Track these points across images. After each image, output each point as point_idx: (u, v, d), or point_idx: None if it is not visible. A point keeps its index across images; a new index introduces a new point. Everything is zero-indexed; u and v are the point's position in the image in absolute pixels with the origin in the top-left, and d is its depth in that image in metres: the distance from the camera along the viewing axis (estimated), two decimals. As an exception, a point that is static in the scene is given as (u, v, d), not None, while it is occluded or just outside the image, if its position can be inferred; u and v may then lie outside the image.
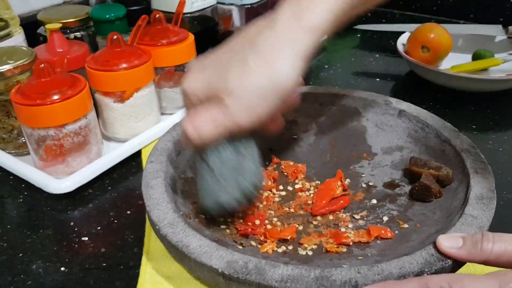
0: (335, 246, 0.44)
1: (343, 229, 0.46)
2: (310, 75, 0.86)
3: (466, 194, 0.44)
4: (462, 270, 0.38)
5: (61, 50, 0.64)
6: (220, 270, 0.37)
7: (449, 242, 0.37)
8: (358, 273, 0.35)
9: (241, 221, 0.47)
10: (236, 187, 0.42)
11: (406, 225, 0.45)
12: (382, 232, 0.44)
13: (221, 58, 0.42)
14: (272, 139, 0.58)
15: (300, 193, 0.52)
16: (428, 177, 0.47)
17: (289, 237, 0.45)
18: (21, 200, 0.56)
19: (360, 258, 0.41)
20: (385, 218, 0.47)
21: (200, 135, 0.41)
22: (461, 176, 0.47)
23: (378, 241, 0.44)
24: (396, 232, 0.45)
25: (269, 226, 0.47)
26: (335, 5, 0.41)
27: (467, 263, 0.38)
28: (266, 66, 0.39)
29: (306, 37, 0.40)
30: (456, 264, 0.37)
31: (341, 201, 0.49)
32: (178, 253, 0.39)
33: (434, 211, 0.45)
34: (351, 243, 0.44)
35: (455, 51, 0.82)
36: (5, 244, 0.49)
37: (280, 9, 0.41)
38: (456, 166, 0.48)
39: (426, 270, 0.36)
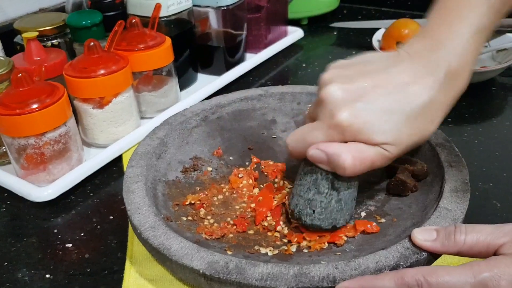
0: (318, 243, 0.45)
1: None
2: (288, 74, 0.87)
3: (441, 188, 0.45)
4: (439, 260, 0.40)
5: (38, 58, 0.64)
6: (201, 271, 0.37)
7: (424, 235, 0.38)
8: (336, 269, 0.36)
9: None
10: (350, 212, 0.45)
11: (383, 220, 0.46)
12: (368, 226, 0.45)
13: (374, 93, 0.41)
14: (252, 139, 0.59)
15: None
16: (403, 172, 0.48)
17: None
18: (4, 209, 0.56)
19: (338, 253, 0.42)
20: (363, 214, 0.48)
21: (355, 168, 0.40)
22: (436, 170, 0.48)
23: (356, 237, 0.45)
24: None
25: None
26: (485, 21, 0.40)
27: (444, 255, 0.39)
28: (426, 128, 0.41)
29: (455, 96, 0.42)
30: (432, 256, 0.38)
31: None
32: (160, 256, 0.40)
33: (410, 205, 0.47)
34: (343, 243, 0.45)
35: (430, 45, 0.83)
36: (-12, 254, 0.50)
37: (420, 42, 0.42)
38: (431, 160, 0.49)
39: (401, 263, 0.37)
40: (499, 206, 0.52)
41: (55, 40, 0.71)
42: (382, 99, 0.40)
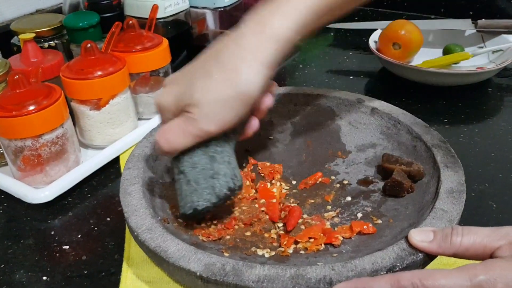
0: (314, 244, 0.45)
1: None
2: (285, 75, 0.87)
3: (437, 189, 0.45)
4: (435, 261, 0.40)
5: (35, 60, 0.64)
6: (198, 273, 0.37)
7: (420, 236, 0.38)
8: (332, 270, 0.37)
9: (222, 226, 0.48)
10: (209, 190, 0.44)
11: (379, 221, 0.46)
12: (364, 227, 0.45)
13: (189, 73, 0.45)
14: (249, 140, 0.59)
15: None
16: (400, 173, 0.48)
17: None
18: (1, 211, 0.56)
19: (335, 255, 0.43)
20: (359, 215, 0.48)
21: (170, 144, 0.44)
22: (432, 171, 0.48)
23: (353, 238, 0.45)
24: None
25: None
26: (303, 12, 0.43)
27: (440, 256, 0.40)
28: (229, 76, 0.42)
29: (269, 45, 0.42)
30: (428, 258, 0.38)
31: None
32: (157, 258, 0.40)
33: (407, 206, 0.47)
34: (340, 244, 0.45)
35: (426, 46, 0.84)
36: (-14, 256, 0.50)
37: (244, 22, 0.44)
38: (427, 161, 0.49)
39: (398, 264, 0.37)
40: (495, 207, 0.52)
41: (52, 42, 0.71)
42: (193, 78, 0.43)
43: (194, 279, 0.38)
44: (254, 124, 0.50)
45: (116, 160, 0.63)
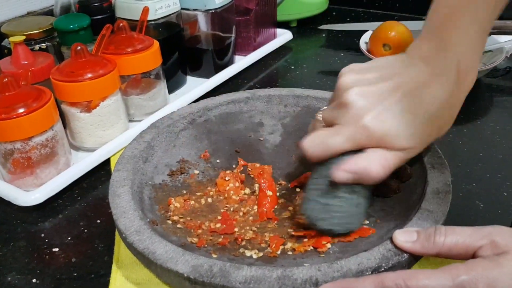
0: (302, 246, 0.45)
1: None
2: (276, 76, 0.88)
3: (423, 189, 0.45)
4: (423, 261, 0.40)
5: (26, 62, 0.64)
6: (185, 275, 0.38)
7: (404, 237, 0.39)
8: (319, 271, 0.37)
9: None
10: (364, 215, 0.46)
11: (366, 221, 0.47)
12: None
13: (390, 99, 0.41)
14: (239, 141, 0.59)
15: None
16: (387, 174, 0.48)
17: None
18: (-9, 214, 0.57)
19: (322, 256, 0.43)
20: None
21: (382, 177, 0.42)
22: (419, 172, 0.48)
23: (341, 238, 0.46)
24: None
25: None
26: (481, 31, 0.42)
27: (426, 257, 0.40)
28: (438, 133, 0.43)
29: (462, 99, 0.44)
30: (413, 258, 0.38)
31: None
32: (145, 260, 0.40)
33: (394, 207, 0.47)
34: (328, 249, 0.45)
35: (417, 47, 0.84)
36: (-25, 259, 0.50)
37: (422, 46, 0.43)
38: (415, 162, 0.50)
39: (383, 265, 0.37)
40: (482, 207, 0.52)
41: (43, 44, 0.71)
42: (402, 102, 0.41)
43: (182, 280, 0.38)
44: None
45: (106, 162, 0.63)
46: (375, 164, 0.41)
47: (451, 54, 0.41)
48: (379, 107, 0.41)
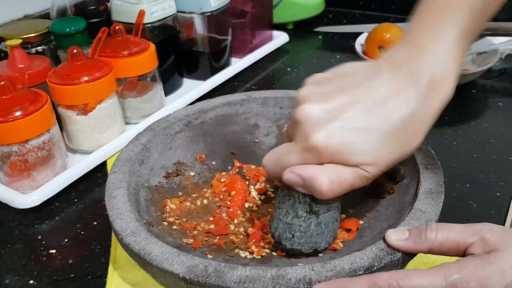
0: None
1: None
2: (273, 79, 0.88)
3: (416, 190, 0.46)
4: (416, 260, 0.41)
5: (22, 65, 0.64)
6: (181, 275, 0.38)
7: (396, 235, 0.39)
8: (312, 270, 0.37)
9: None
10: (332, 234, 0.44)
11: (361, 221, 0.47)
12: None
13: (353, 110, 0.39)
14: (235, 143, 0.60)
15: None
16: (381, 175, 0.49)
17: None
18: (-12, 216, 0.57)
19: (320, 254, 0.43)
20: (342, 216, 0.49)
21: (335, 193, 0.39)
22: (412, 172, 0.49)
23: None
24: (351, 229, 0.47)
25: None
26: (463, 38, 0.40)
27: (420, 255, 0.41)
28: (408, 145, 0.40)
29: (439, 109, 0.41)
30: (407, 256, 0.39)
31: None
32: (141, 261, 0.41)
33: (387, 207, 0.48)
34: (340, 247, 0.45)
35: (412, 49, 0.85)
36: (-27, 261, 0.50)
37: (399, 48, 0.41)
38: (408, 162, 0.50)
39: (376, 264, 0.38)
40: (475, 207, 0.53)
41: (40, 47, 0.72)
42: (360, 117, 0.38)
43: (177, 280, 0.39)
44: None
45: (103, 165, 0.64)
46: (324, 176, 0.38)
47: (425, 63, 0.39)
48: (329, 124, 0.38)
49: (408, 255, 0.39)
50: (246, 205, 0.52)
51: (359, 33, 0.88)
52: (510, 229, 0.37)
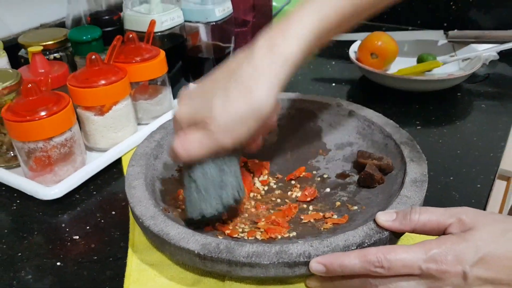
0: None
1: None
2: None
3: (403, 179, 0.51)
4: (403, 240, 0.46)
5: (43, 70, 0.70)
6: (196, 252, 0.43)
7: (385, 216, 0.45)
8: (311, 246, 0.43)
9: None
10: (217, 199, 0.49)
11: (355, 207, 0.53)
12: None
13: (206, 89, 0.49)
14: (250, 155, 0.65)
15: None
16: (371, 167, 0.55)
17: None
18: (15, 207, 0.62)
19: (315, 235, 0.49)
20: (337, 203, 0.55)
21: (188, 154, 0.47)
22: (400, 165, 0.55)
23: (332, 225, 0.52)
24: (346, 214, 0.52)
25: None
26: (306, 35, 0.47)
27: (408, 236, 0.46)
28: (245, 95, 0.46)
29: (280, 67, 0.46)
30: (393, 236, 0.44)
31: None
32: (159, 241, 0.46)
33: (378, 195, 0.53)
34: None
35: (402, 55, 0.91)
36: (4, 246, 0.55)
37: (257, 43, 0.48)
38: (396, 156, 0.56)
39: (366, 241, 0.43)
40: (457, 197, 0.59)
41: (57, 54, 0.77)
42: (210, 93, 0.47)
43: (193, 257, 0.44)
44: (258, 141, 0.56)
45: (118, 161, 0.69)
46: (176, 142, 0.48)
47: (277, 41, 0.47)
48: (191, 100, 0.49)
49: (395, 235, 0.45)
50: (251, 194, 0.58)
51: (353, 41, 0.94)
52: (483, 211, 0.42)
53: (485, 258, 0.38)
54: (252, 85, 0.46)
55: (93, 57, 0.67)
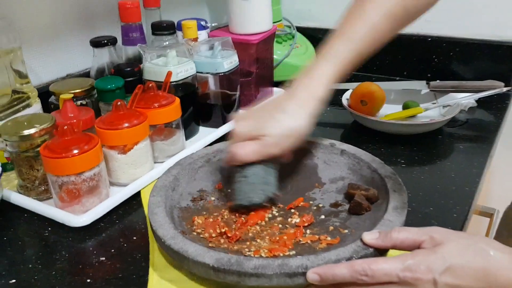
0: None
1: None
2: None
3: (387, 206, 0.60)
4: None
5: (72, 115, 0.79)
6: (211, 265, 0.52)
7: (370, 236, 0.53)
8: (308, 260, 0.51)
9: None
10: (262, 192, 0.66)
11: (346, 231, 0.61)
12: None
13: (259, 113, 0.68)
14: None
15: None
16: (360, 197, 0.64)
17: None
18: (47, 234, 0.70)
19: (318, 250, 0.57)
20: (331, 228, 0.63)
21: (244, 157, 0.65)
22: (384, 195, 0.64)
23: (326, 245, 0.60)
24: (338, 236, 0.61)
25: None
26: (329, 79, 0.67)
27: (390, 251, 0.54)
28: (290, 120, 0.65)
29: (312, 103, 0.66)
30: (377, 252, 0.53)
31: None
32: (179, 257, 0.54)
33: (365, 220, 0.62)
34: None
35: (389, 103, 1.01)
36: (40, 266, 0.63)
37: (296, 83, 0.68)
38: (381, 187, 0.65)
39: (354, 256, 0.51)
40: (436, 225, 0.67)
41: (83, 100, 0.87)
42: (262, 118, 0.67)
43: (208, 270, 0.52)
44: (289, 155, 0.70)
45: (137, 194, 0.77)
46: (237, 149, 0.66)
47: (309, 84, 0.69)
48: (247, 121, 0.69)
49: (379, 252, 0.53)
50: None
51: (345, 90, 1.04)
52: (451, 230, 0.50)
53: (451, 267, 0.46)
54: (295, 114, 0.65)
55: (119, 103, 0.76)
